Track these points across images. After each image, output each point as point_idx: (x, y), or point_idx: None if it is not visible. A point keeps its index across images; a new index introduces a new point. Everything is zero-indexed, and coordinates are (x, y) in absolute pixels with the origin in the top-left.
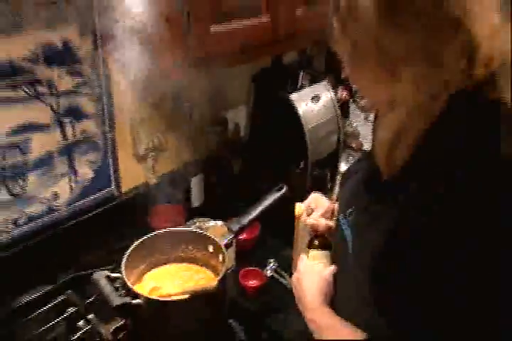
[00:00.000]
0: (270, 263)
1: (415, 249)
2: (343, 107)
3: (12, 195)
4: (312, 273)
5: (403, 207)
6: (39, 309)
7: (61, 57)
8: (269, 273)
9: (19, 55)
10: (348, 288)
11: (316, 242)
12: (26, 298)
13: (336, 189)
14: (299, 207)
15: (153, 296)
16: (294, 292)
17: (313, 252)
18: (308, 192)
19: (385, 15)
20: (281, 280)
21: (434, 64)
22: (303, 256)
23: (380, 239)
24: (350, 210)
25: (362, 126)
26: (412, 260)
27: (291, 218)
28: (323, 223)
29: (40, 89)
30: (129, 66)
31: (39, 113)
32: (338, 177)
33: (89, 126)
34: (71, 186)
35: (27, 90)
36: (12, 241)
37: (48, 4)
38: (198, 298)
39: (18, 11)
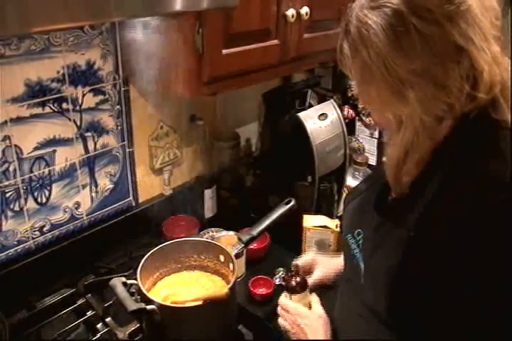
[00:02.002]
0: (279, 272)
1: (429, 269)
2: (349, 124)
3: (38, 204)
4: (310, 315)
5: (414, 225)
6: (61, 311)
7: (85, 77)
8: (277, 281)
9: (48, 76)
10: (352, 307)
11: (298, 288)
12: (50, 301)
13: (341, 207)
14: (306, 220)
15: (167, 302)
16: (295, 336)
17: (296, 296)
18: (316, 205)
19: (394, 40)
20: None
21: (439, 88)
22: (286, 299)
23: (393, 259)
24: (358, 230)
25: (367, 142)
26: (427, 280)
27: (298, 229)
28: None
29: (65, 106)
30: (146, 85)
31: (64, 128)
32: (345, 190)
33: (110, 140)
34: (92, 196)
35: (53, 107)
36: (37, 247)
37: (74, 29)
38: (210, 305)
39: (48, 36)
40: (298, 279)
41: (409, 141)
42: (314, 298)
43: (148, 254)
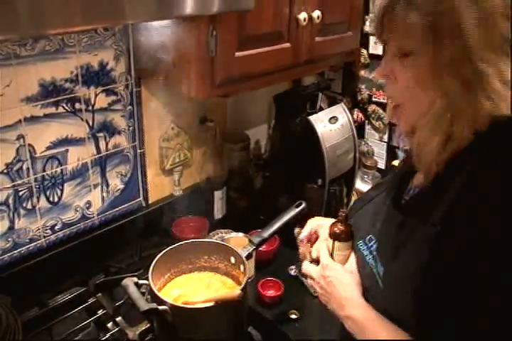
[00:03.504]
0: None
1: (460, 263)
2: (359, 128)
3: (50, 202)
4: (339, 268)
5: (440, 220)
6: (72, 309)
7: (98, 77)
8: (292, 272)
9: (61, 76)
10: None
11: (343, 235)
12: (61, 299)
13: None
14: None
15: (178, 303)
16: (322, 291)
17: (338, 244)
18: (325, 208)
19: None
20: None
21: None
22: (322, 251)
23: (421, 256)
24: (370, 236)
25: (376, 145)
26: (460, 275)
27: None
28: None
29: (78, 106)
30: (158, 86)
31: (76, 128)
32: (354, 194)
33: (121, 140)
34: (103, 196)
35: (66, 107)
36: (49, 246)
37: (88, 31)
38: (221, 306)
39: (62, 37)
40: (342, 227)
41: (448, 127)
42: (352, 257)
43: (159, 255)
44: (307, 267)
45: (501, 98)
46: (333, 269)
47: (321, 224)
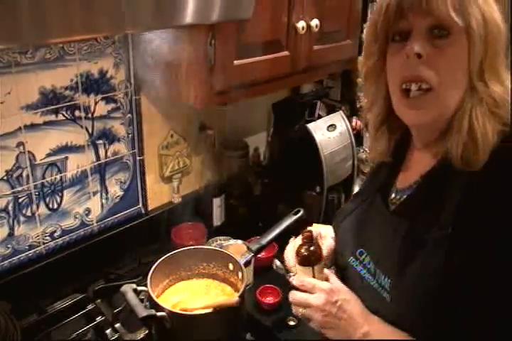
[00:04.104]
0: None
1: (476, 263)
2: (357, 135)
3: (50, 209)
4: (343, 288)
5: (451, 222)
6: (71, 316)
7: (97, 85)
8: (275, 267)
9: (61, 84)
10: None
11: (312, 258)
12: (60, 305)
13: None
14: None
15: (176, 309)
16: (328, 318)
17: (307, 269)
18: (324, 215)
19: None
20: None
21: None
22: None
23: (435, 261)
24: (360, 250)
25: None
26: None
27: None
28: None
29: (78, 113)
30: (157, 94)
31: (76, 135)
32: None
33: (121, 148)
34: (102, 203)
35: (66, 115)
36: (48, 252)
37: (88, 39)
38: (219, 313)
39: (63, 45)
40: (312, 248)
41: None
42: (329, 273)
43: (158, 261)
44: (303, 297)
45: None
46: (340, 291)
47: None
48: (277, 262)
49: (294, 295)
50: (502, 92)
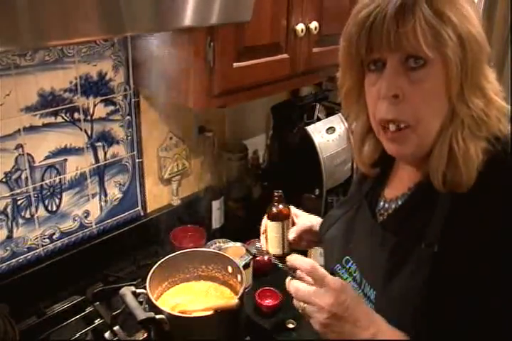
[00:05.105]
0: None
1: (460, 282)
2: None
3: (49, 211)
4: (348, 286)
5: (436, 240)
6: (70, 318)
7: (96, 87)
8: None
9: (60, 86)
10: None
11: (280, 215)
12: (59, 308)
13: None
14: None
15: (175, 312)
16: (333, 320)
17: (275, 224)
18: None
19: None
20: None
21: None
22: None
23: (419, 278)
24: (346, 257)
25: None
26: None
27: None
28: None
29: (77, 116)
30: (156, 97)
31: (75, 137)
32: None
33: (120, 150)
34: (101, 205)
35: (65, 117)
36: (47, 255)
37: (87, 42)
38: (218, 315)
39: (62, 48)
40: (280, 206)
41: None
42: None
43: (157, 264)
44: (309, 292)
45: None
46: (347, 289)
47: (296, 214)
48: (257, 244)
49: (297, 289)
50: (484, 105)
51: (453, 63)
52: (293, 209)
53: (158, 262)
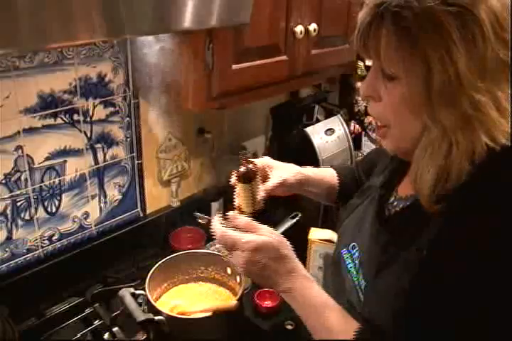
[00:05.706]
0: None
1: (442, 288)
2: (356, 139)
3: (48, 213)
4: (268, 245)
5: (427, 245)
6: (69, 319)
7: (96, 89)
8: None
9: (60, 88)
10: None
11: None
12: (58, 309)
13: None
14: (312, 233)
15: (174, 313)
16: (253, 275)
17: (240, 185)
18: (321, 219)
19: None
20: None
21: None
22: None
23: (403, 280)
24: (353, 243)
25: None
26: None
27: (303, 243)
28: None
29: (76, 117)
30: (156, 98)
31: (74, 139)
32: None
33: (119, 151)
34: (100, 207)
35: (65, 118)
36: (46, 256)
37: (87, 44)
38: (217, 317)
39: (61, 49)
40: (245, 168)
41: (445, 159)
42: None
43: (156, 265)
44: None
45: (498, 127)
46: (264, 250)
47: (270, 165)
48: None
49: (219, 239)
50: (458, 118)
51: (415, 85)
52: (267, 160)
53: (158, 263)
